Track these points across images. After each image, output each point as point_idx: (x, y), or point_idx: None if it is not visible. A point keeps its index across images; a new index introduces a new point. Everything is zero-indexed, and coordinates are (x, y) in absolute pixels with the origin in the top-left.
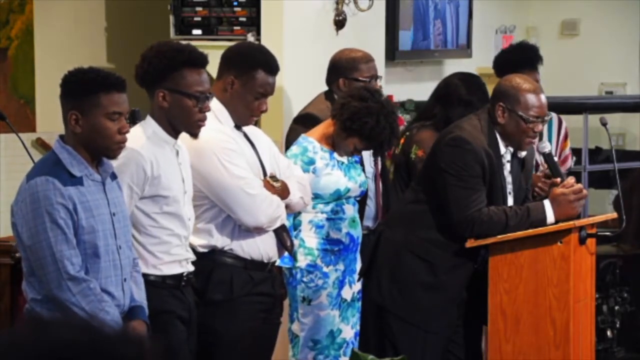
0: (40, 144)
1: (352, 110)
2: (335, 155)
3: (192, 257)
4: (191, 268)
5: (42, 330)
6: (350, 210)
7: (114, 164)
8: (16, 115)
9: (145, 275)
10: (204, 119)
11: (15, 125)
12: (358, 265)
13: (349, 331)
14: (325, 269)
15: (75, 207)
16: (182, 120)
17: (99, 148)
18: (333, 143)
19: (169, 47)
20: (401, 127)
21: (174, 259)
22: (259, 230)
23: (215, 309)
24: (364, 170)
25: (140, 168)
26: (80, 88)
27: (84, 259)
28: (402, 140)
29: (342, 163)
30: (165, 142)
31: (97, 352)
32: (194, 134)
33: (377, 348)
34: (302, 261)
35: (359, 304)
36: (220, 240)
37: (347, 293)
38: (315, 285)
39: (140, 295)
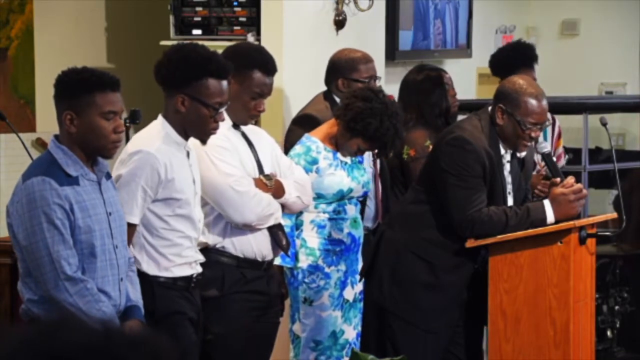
0: (40, 144)
1: (356, 110)
2: (339, 155)
3: (202, 258)
4: (199, 269)
5: (55, 331)
6: (352, 210)
7: (128, 166)
8: (16, 115)
9: (155, 277)
10: (217, 128)
11: (15, 125)
12: (360, 266)
13: (351, 332)
14: (327, 270)
15: (71, 207)
16: (196, 128)
17: (95, 148)
18: (336, 143)
19: (197, 54)
20: None
21: (185, 261)
22: (248, 228)
23: (206, 306)
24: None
25: (155, 171)
26: (75, 88)
27: (81, 259)
28: None
29: (346, 163)
30: (177, 143)
31: (112, 357)
32: (204, 141)
33: (377, 348)
34: (304, 261)
35: (361, 305)
36: (211, 238)
37: (349, 293)
38: (317, 285)
39: (136, 295)
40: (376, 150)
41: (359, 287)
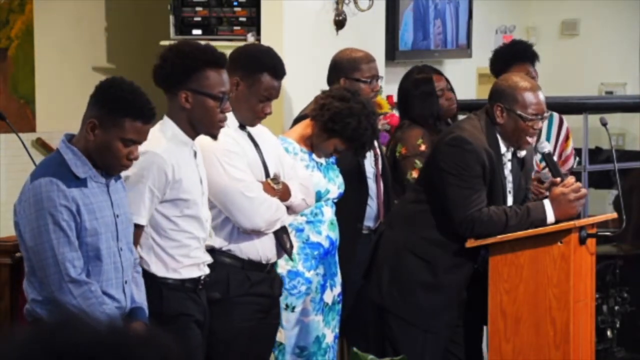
0: (40, 144)
1: (334, 110)
2: (314, 156)
3: (209, 259)
4: (207, 271)
5: (60, 330)
6: (329, 212)
7: (135, 167)
8: (16, 115)
9: (163, 279)
10: (224, 119)
11: (15, 125)
12: (337, 268)
13: (330, 335)
14: (307, 275)
15: (78, 209)
16: (204, 122)
17: (103, 163)
18: (311, 144)
19: (191, 47)
20: (385, 126)
21: (193, 262)
22: (256, 233)
23: (211, 308)
24: (349, 173)
25: (162, 172)
26: (109, 102)
27: (86, 262)
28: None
29: (321, 164)
30: (184, 143)
31: (119, 355)
32: (214, 135)
33: (377, 348)
34: (283, 267)
35: (339, 307)
36: (218, 241)
37: (328, 297)
38: (299, 291)
39: (141, 297)
40: (354, 151)
41: (338, 289)
